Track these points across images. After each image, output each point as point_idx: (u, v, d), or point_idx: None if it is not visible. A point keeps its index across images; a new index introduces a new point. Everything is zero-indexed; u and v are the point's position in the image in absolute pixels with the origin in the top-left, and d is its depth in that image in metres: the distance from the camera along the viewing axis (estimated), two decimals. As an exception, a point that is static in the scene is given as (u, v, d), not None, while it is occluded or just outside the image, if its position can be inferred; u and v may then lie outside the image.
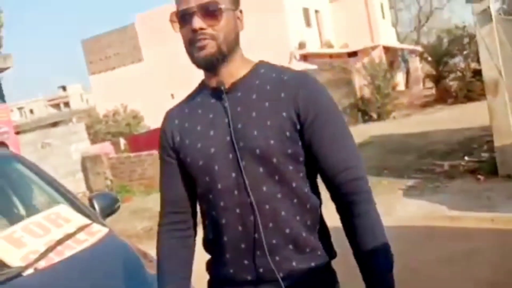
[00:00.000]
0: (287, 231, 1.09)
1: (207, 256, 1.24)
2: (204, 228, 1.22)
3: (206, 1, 1.06)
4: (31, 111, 54.04)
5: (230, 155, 1.10)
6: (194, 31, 1.06)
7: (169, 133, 1.20)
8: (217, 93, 1.14)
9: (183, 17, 1.08)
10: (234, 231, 1.11)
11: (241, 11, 1.15)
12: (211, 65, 1.10)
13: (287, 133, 1.08)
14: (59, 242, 1.85)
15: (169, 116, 1.24)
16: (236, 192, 1.09)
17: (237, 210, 1.10)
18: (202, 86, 1.20)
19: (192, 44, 1.08)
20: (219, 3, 1.07)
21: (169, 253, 1.23)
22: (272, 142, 1.07)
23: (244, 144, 1.09)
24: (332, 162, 1.08)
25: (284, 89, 1.10)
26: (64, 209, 2.08)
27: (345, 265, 1.42)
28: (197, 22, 1.05)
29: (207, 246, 1.21)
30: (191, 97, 1.23)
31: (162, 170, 1.26)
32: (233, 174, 1.10)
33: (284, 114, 1.08)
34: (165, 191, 1.25)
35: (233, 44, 1.12)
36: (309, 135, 1.08)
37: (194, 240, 1.28)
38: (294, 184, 1.11)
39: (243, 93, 1.12)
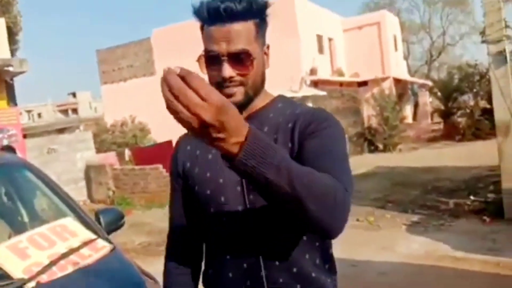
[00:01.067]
0: (295, 270, 1.06)
1: None
2: (206, 261, 1.20)
3: (238, 49, 1.01)
4: (39, 115, 54.48)
5: (239, 188, 1.07)
6: (224, 79, 1.02)
7: (180, 159, 1.19)
8: None
9: (211, 60, 1.04)
10: (238, 268, 1.07)
11: (268, 47, 1.12)
12: (238, 109, 1.07)
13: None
14: (63, 256, 1.83)
15: (182, 141, 1.23)
16: (240, 227, 1.07)
17: (242, 246, 1.07)
18: None
19: (219, 87, 1.03)
20: (250, 52, 1.03)
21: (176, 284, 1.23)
22: None
23: None
24: (321, 169, 0.91)
25: (294, 120, 1.08)
26: (70, 222, 2.06)
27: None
28: (227, 70, 1.01)
29: (207, 281, 1.19)
30: None
31: (172, 196, 1.25)
32: (240, 208, 1.07)
33: (289, 144, 1.06)
34: (171, 215, 1.25)
35: (260, 86, 1.10)
36: (305, 150, 1.00)
37: (200, 272, 1.26)
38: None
39: (256, 126, 1.05)
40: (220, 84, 1.04)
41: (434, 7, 35.20)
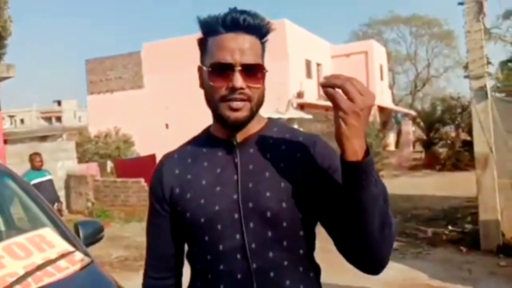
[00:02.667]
0: (288, 283, 1.02)
1: None
2: (192, 275, 1.13)
3: (253, 61, 1.00)
4: (22, 121, 53.62)
5: (236, 215, 1.01)
6: (234, 89, 0.99)
7: (167, 183, 1.10)
8: (228, 147, 1.07)
9: (220, 69, 1.00)
10: (231, 281, 1.01)
11: (266, 71, 1.09)
12: (238, 127, 1.04)
13: (301, 196, 1.02)
14: (39, 267, 1.80)
15: (168, 163, 1.13)
16: (239, 256, 1.00)
17: (239, 276, 1.01)
18: (209, 136, 1.12)
19: (223, 100, 1.01)
20: (264, 67, 1.03)
21: None
22: (284, 205, 1.01)
23: (254, 205, 1.01)
24: None
25: (300, 149, 1.06)
26: (48, 232, 2.04)
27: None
28: (240, 81, 0.98)
29: None
30: (193, 145, 1.14)
31: (151, 219, 1.16)
32: (238, 236, 1.00)
33: (299, 175, 1.03)
34: (152, 244, 1.17)
35: (261, 105, 1.07)
36: (327, 183, 1.01)
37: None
38: (301, 251, 1.05)
39: (256, 150, 1.06)
40: (224, 97, 1.00)
41: (420, 40, 36.25)
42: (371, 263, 0.97)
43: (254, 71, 1.01)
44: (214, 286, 1.04)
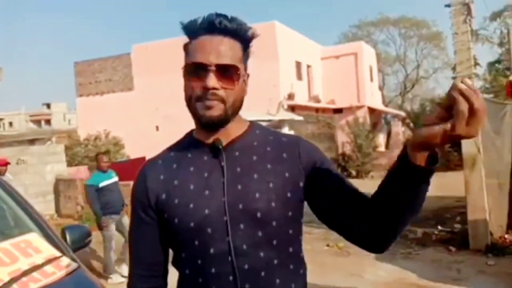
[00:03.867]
0: (278, 281, 1.04)
1: None
2: (180, 278, 1.12)
3: (227, 62, 1.02)
4: (11, 124, 53.05)
5: (225, 218, 1.02)
6: (206, 89, 1.01)
7: (152, 189, 1.09)
8: (213, 151, 1.08)
9: (196, 69, 1.02)
10: (222, 282, 1.02)
11: (248, 75, 1.12)
12: (212, 126, 1.06)
13: (288, 194, 1.05)
14: (25, 273, 1.77)
15: (149, 170, 1.13)
16: (230, 258, 1.01)
17: (230, 278, 1.01)
18: (192, 140, 1.13)
19: (199, 100, 1.03)
20: (239, 68, 1.04)
21: None
22: (273, 204, 1.03)
23: (244, 207, 1.02)
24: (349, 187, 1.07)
25: (285, 150, 1.09)
26: (35, 238, 2.01)
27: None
28: (213, 81, 1.00)
29: None
30: (176, 149, 1.14)
31: (134, 226, 1.15)
32: (228, 238, 1.01)
33: (286, 174, 1.06)
34: (136, 251, 1.15)
35: (238, 109, 1.09)
36: (320, 174, 1.07)
37: None
38: (291, 249, 1.08)
39: (242, 153, 1.08)
40: (199, 97, 1.02)
41: (409, 41, 36.51)
42: (387, 243, 1.03)
43: (228, 72, 1.03)
44: (201, 275, 1.05)
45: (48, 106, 57.85)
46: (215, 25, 1.02)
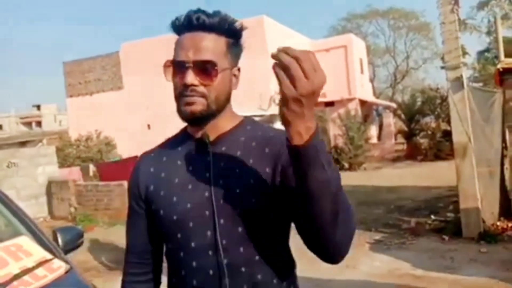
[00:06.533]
0: (259, 277, 1.04)
1: None
2: (169, 271, 1.14)
3: (204, 58, 1.02)
4: (1, 127, 52.54)
5: (207, 212, 1.03)
6: (186, 86, 1.02)
7: (143, 181, 1.14)
8: (201, 145, 1.09)
9: (177, 67, 1.04)
10: (204, 276, 1.04)
11: (239, 69, 1.12)
12: (195, 121, 1.07)
13: (270, 191, 1.03)
14: (16, 277, 1.76)
15: (144, 161, 1.18)
16: (210, 252, 1.03)
17: (211, 272, 1.03)
18: (185, 134, 1.16)
19: (181, 97, 1.04)
20: (216, 64, 1.03)
21: None
22: (254, 201, 1.02)
23: (225, 202, 1.03)
24: None
25: (269, 144, 1.07)
26: (25, 241, 1.99)
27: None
28: (190, 78, 1.01)
29: None
30: (170, 143, 1.18)
31: (128, 216, 1.21)
32: (209, 233, 1.03)
33: (267, 169, 1.04)
34: (130, 240, 1.21)
35: (224, 103, 1.09)
36: (290, 175, 0.98)
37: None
38: (273, 246, 1.07)
39: (228, 148, 1.08)
40: (181, 94, 1.04)
41: (398, 32, 36.63)
42: (326, 251, 0.94)
43: (206, 68, 1.03)
44: (188, 282, 1.07)
45: (38, 107, 57.32)
46: (193, 22, 1.03)
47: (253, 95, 15.99)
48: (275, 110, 16.27)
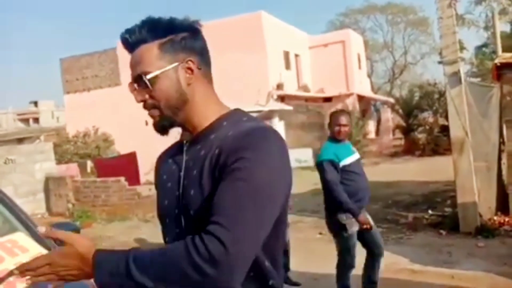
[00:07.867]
0: None
1: None
2: None
3: (137, 72, 1.05)
4: (-2, 124, 52.33)
5: (176, 211, 1.08)
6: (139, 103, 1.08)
7: (156, 176, 1.23)
8: (183, 145, 1.14)
9: (131, 90, 1.10)
10: None
11: (191, 61, 1.05)
12: (163, 132, 1.11)
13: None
14: (11, 273, 1.75)
15: (159, 160, 1.27)
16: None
17: None
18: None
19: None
20: (148, 72, 1.03)
21: None
22: (204, 204, 0.98)
23: (183, 202, 1.05)
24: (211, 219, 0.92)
25: (221, 144, 1.00)
26: (21, 237, 1.99)
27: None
28: (137, 96, 1.07)
29: None
30: (176, 144, 1.23)
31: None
32: (177, 231, 1.07)
33: (216, 173, 0.98)
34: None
35: (179, 104, 1.06)
36: (218, 183, 0.96)
37: None
38: None
39: (200, 148, 1.06)
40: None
41: (396, 28, 36.59)
42: None
43: (142, 81, 1.05)
44: None
45: (36, 104, 57.16)
46: (126, 44, 1.08)
47: (251, 90, 15.96)
48: (273, 105, 16.26)
